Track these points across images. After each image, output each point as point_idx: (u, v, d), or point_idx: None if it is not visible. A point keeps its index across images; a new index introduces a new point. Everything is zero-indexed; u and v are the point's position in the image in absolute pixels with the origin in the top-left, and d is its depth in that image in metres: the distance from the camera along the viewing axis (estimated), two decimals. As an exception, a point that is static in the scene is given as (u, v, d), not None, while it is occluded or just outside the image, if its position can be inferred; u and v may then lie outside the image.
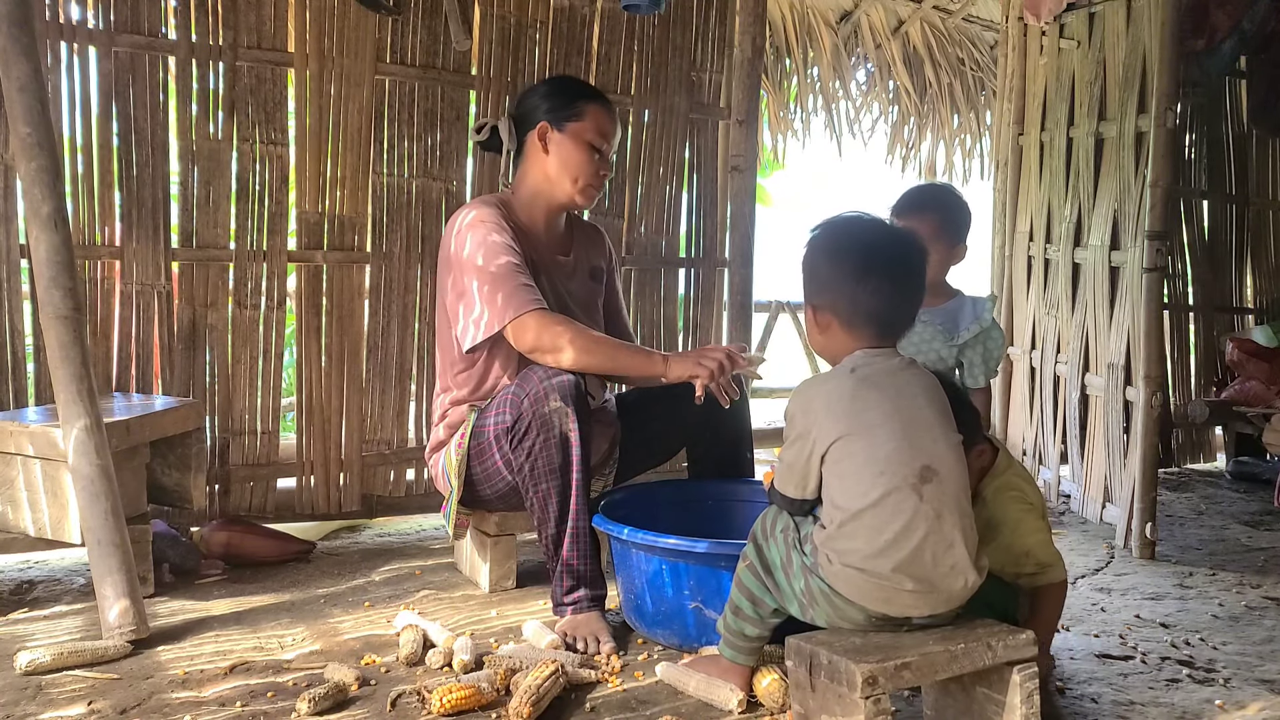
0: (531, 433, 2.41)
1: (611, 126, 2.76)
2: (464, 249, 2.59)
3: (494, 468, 2.56)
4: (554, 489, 2.42)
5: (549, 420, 2.39)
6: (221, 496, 3.22)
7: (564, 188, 2.72)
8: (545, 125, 2.70)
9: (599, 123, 2.72)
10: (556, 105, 2.71)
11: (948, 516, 1.80)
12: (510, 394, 2.48)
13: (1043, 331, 4.05)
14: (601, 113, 2.73)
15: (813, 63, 5.32)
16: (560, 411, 2.39)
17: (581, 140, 2.70)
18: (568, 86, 2.80)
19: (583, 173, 2.71)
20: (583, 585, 2.45)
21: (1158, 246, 3.23)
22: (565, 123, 2.70)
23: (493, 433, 2.52)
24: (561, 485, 2.42)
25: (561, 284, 2.78)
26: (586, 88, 2.83)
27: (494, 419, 2.52)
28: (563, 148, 2.70)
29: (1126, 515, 3.31)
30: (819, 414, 1.87)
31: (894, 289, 1.92)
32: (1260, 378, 4.39)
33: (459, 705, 1.96)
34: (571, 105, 2.71)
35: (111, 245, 3.05)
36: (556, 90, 2.77)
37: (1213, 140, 4.73)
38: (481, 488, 2.62)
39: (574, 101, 2.72)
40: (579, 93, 2.76)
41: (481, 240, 2.57)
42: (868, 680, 1.68)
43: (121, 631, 2.28)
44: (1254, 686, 2.21)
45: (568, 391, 2.40)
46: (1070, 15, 3.83)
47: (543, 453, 2.41)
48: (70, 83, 2.95)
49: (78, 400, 2.36)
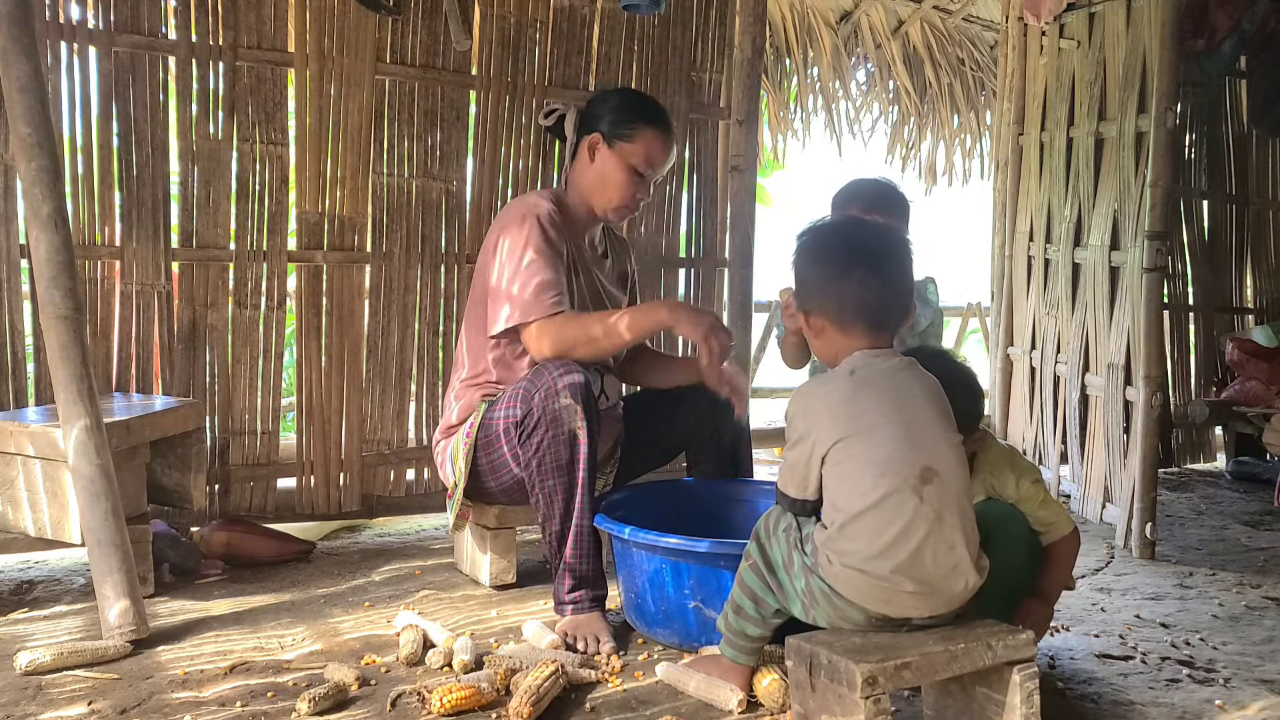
0: (540, 428, 2.42)
1: (663, 155, 2.73)
2: (513, 240, 2.59)
3: (501, 460, 2.56)
4: (560, 486, 2.43)
5: (559, 417, 2.40)
6: (221, 496, 3.22)
7: (599, 201, 2.73)
8: (599, 136, 2.70)
9: (650, 150, 2.70)
10: (616, 120, 2.70)
11: (949, 518, 1.80)
12: (522, 388, 2.49)
13: (1043, 331, 4.05)
14: (656, 140, 2.70)
15: (813, 63, 5.32)
16: (570, 409, 2.40)
17: (626, 163, 2.68)
18: (634, 105, 2.76)
19: (620, 194, 2.70)
20: (584, 585, 2.45)
21: (1158, 246, 3.23)
22: (617, 140, 2.69)
23: (502, 425, 2.53)
24: (567, 483, 2.42)
25: (600, 283, 2.81)
26: (651, 110, 2.77)
27: (504, 411, 2.53)
28: (607, 164, 2.69)
29: (1126, 515, 3.31)
30: (818, 416, 1.87)
31: (878, 280, 1.93)
32: (1260, 378, 4.39)
33: (459, 705, 1.96)
34: (629, 125, 2.69)
35: (111, 245, 3.05)
36: (623, 105, 2.74)
37: (1213, 140, 4.73)
38: (487, 480, 2.63)
39: (633, 122, 2.69)
40: (641, 115, 2.72)
41: (530, 237, 2.58)
42: (868, 680, 1.68)
43: (121, 631, 2.28)
44: (1254, 686, 2.21)
45: (578, 390, 2.41)
46: (1070, 15, 3.83)
47: (550, 449, 2.41)
48: (70, 83, 2.95)
49: (78, 400, 2.36)
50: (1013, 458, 2.13)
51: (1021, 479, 2.07)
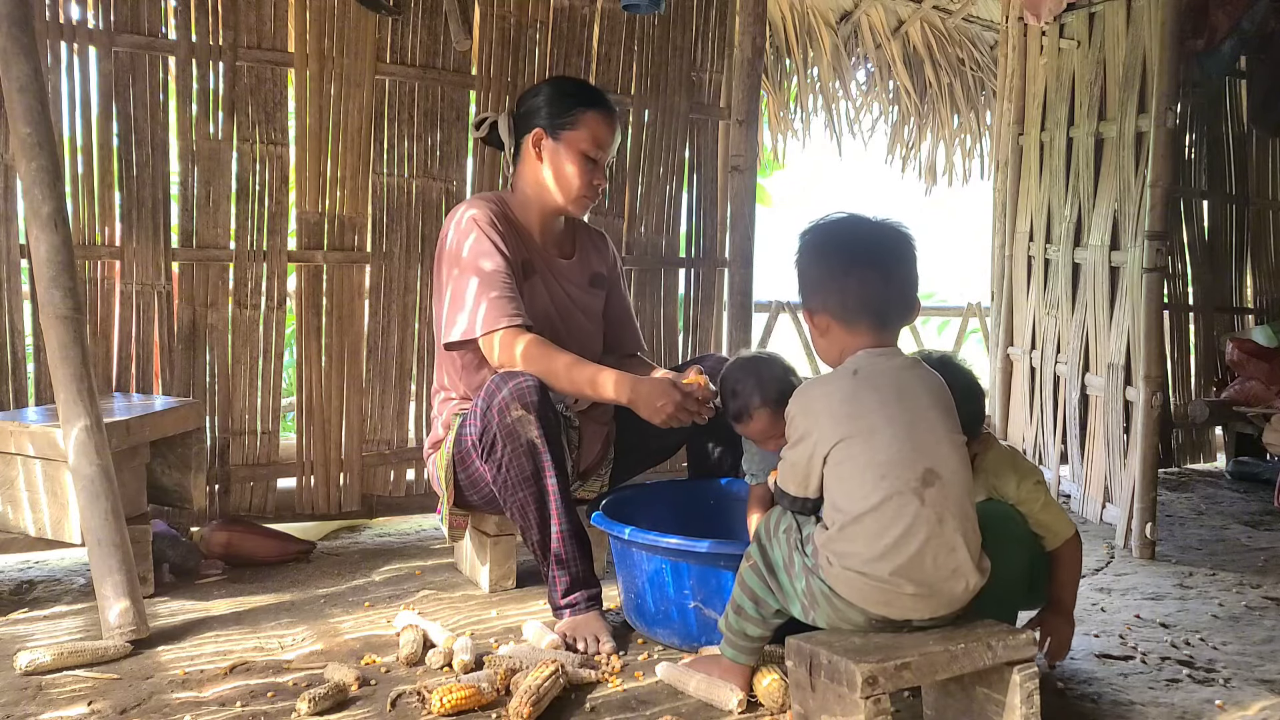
0: (499, 445, 2.39)
1: (609, 134, 2.70)
2: (456, 248, 2.59)
3: (477, 474, 2.55)
4: (530, 497, 2.41)
5: (513, 430, 2.37)
6: (221, 496, 3.22)
7: (556, 196, 2.69)
8: (540, 132, 2.67)
9: (595, 132, 2.66)
10: (554, 112, 2.67)
11: (950, 520, 1.80)
12: (479, 405, 2.46)
13: (1043, 331, 4.05)
14: (599, 121, 2.67)
15: (813, 63, 5.32)
16: (523, 420, 2.36)
17: (575, 150, 2.65)
18: (567, 92, 2.73)
19: (576, 183, 2.67)
20: (577, 587, 2.44)
21: (1158, 246, 3.23)
22: (561, 130, 2.66)
23: (470, 442, 2.51)
24: (537, 492, 2.40)
25: (562, 286, 2.77)
26: (586, 93, 2.75)
27: (469, 429, 2.51)
28: (556, 156, 2.66)
29: (1126, 515, 3.31)
30: (820, 416, 1.87)
31: (880, 276, 1.92)
32: (1260, 378, 4.39)
33: (459, 705, 1.96)
34: (569, 113, 2.66)
35: (111, 245, 3.05)
36: (556, 95, 2.71)
37: (1213, 140, 4.73)
38: (469, 493, 2.62)
39: (571, 109, 2.66)
40: (577, 99, 2.69)
41: (472, 242, 2.56)
42: (868, 680, 1.68)
43: (122, 631, 2.28)
44: (1254, 686, 2.21)
45: (528, 397, 2.36)
46: (1070, 15, 3.83)
47: (513, 463, 2.39)
48: (70, 83, 2.96)
49: (78, 400, 2.36)
50: (1015, 459, 2.13)
51: (1023, 481, 2.07)
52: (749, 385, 2.30)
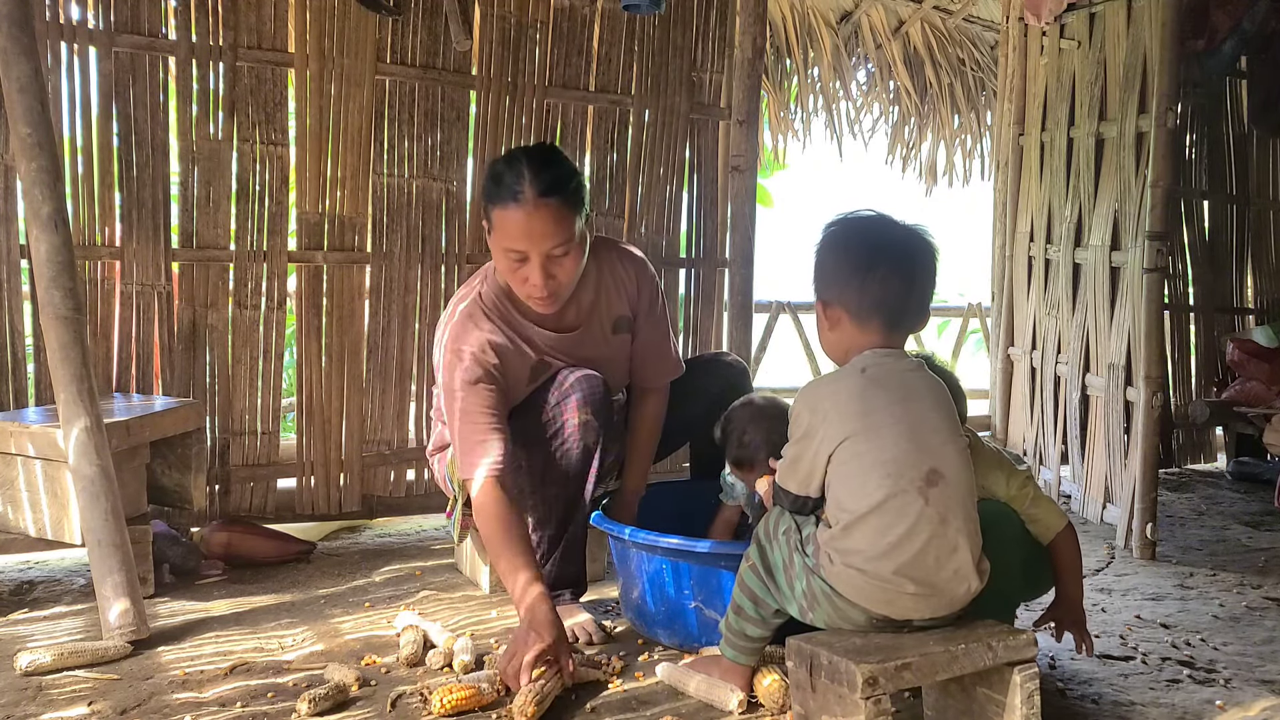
0: (562, 434, 2.41)
1: (522, 229, 2.27)
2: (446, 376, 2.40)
3: None
4: (562, 495, 2.44)
5: (577, 431, 2.39)
6: (221, 497, 3.22)
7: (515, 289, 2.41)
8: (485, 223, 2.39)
9: (506, 228, 2.29)
10: (484, 202, 2.37)
11: (952, 520, 1.80)
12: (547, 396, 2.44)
13: (1043, 332, 4.05)
14: (507, 217, 2.28)
15: (813, 63, 5.32)
16: (589, 426, 2.39)
17: (499, 249, 2.33)
18: (485, 183, 2.38)
19: (512, 282, 2.38)
20: (568, 587, 2.49)
21: (1158, 247, 3.22)
22: (488, 227, 2.36)
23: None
24: (571, 493, 2.44)
25: (581, 353, 2.54)
26: (495, 185, 2.31)
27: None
28: (494, 251, 2.37)
29: (1127, 516, 3.31)
30: (827, 413, 1.86)
31: (901, 280, 1.92)
32: (1260, 378, 4.39)
33: (459, 706, 1.96)
34: (486, 209, 2.34)
35: (111, 245, 3.05)
36: (485, 183, 2.38)
37: (1213, 140, 4.72)
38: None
39: (486, 205, 2.34)
40: (487, 195, 2.34)
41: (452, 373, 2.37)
42: (868, 681, 1.68)
43: (122, 632, 2.28)
44: (1255, 687, 2.21)
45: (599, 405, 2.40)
46: (1070, 15, 3.83)
47: (564, 458, 2.41)
48: (70, 83, 2.95)
49: (78, 401, 2.36)
50: (1000, 458, 2.11)
51: (1011, 478, 2.06)
52: (758, 438, 2.31)
